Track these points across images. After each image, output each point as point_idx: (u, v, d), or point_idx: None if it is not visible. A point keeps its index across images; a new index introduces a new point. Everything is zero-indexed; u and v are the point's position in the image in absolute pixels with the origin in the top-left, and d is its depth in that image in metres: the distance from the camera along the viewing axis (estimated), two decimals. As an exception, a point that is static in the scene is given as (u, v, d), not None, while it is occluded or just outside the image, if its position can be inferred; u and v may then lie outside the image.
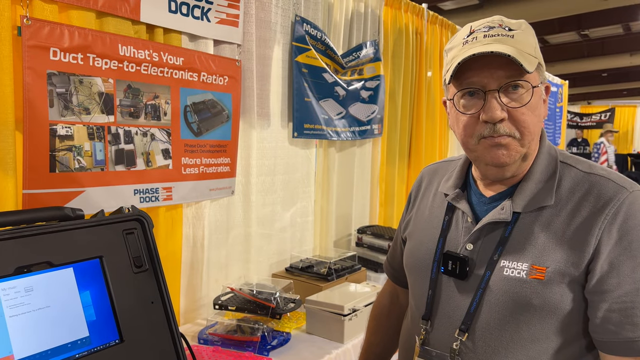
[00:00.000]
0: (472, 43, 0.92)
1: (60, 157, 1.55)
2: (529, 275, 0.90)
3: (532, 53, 0.91)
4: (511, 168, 0.95)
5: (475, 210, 1.02)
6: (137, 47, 1.71)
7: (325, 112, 2.60)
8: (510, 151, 0.92)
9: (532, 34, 0.94)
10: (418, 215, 1.15)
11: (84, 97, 1.59)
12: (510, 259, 0.93)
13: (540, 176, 0.96)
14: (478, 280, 0.95)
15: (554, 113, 6.47)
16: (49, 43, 1.49)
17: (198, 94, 1.94)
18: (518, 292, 0.90)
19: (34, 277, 0.97)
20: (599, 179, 0.93)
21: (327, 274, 2.21)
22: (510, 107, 0.90)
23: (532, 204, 0.94)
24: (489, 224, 0.97)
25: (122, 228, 1.13)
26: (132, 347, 1.05)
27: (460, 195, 1.04)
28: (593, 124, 12.32)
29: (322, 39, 2.52)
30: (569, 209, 0.92)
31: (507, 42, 0.89)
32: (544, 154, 0.98)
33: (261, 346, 1.71)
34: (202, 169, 1.99)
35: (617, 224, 0.87)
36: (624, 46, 10.85)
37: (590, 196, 0.91)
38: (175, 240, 1.98)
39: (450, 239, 1.03)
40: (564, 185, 0.94)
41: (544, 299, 0.89)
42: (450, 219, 1.05)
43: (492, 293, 0.93)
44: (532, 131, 0.92)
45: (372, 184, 3.12)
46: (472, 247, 0.98)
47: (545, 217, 0.93)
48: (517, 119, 0.90)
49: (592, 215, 0.89)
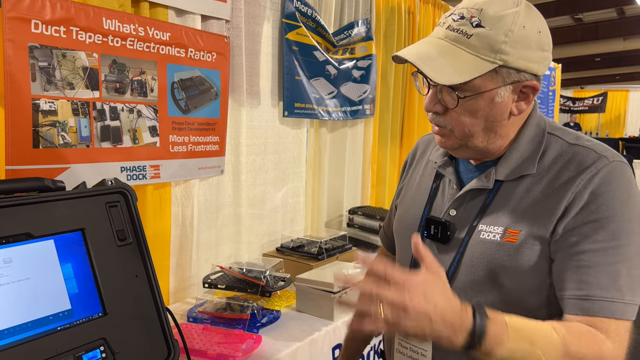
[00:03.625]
0: (435, 31, 0.94)
1: (44, 132, 1.52)
2: (503, 239, 0.92)
3: (488, 57, 0.87)
4: (468, 151, 0.98)
5: (462, 178, 1.05)
6: (122, 21, 1.67)
7: (316, 91, 2.57)
8: (448, 140, 0.97)
9: (507, 28, 0.87)
10: (410, 183, 1.18)
11: (67, 72, 1.56)
12: (488, 223, 0.95)
13: (526, 147, 0.97)
14: (458, 244, 0.98)
15: (546, 96, 6.46)
16: (30, 15, 1.45)
17: (185, 71, 1.90)
18: (492, 255, 0.93)
19: (13, 248, 0.95)
20: (582, 149, 0.93)
21: (317, 254, 2.20)
22: (445, 105, 0.93)
23: (515, 172, 0.96)
24: (472, 191, 0.99)
25: (105, 201, 1.11)
26: (115, 320, 1.04)
27: (448, 162, 1.07)
28: (585, 108, 12.36)
29: (312, 16, 2.48)
30: (549, 177, 0.93)
31: (457, 42, 0.89)
32: (532, 125, 0.99)
33: (251, 324, 1.70)
34: (191, 147, 1.96)
35: (590, 188, 0.88)
36: (617, 31, 10.83)
37: (571, 165, 0.92)
38: (164, 219, 1.95)
39: (436, 205, 1.06)
40: (548, 155, 0.95)
41: (516, 262, 0.91)
42: (438, 186, 1.08)
43: (469, 256, 0.96)
44: (469, 131, 0.94)
45: (363, 164, 3.11)
46: (455, 213, 1.01)
47: (526, 184, 0.94)
48: (451, 116, 0.94)
49: (568, 181, 0.90)
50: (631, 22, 10.29)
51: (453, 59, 0.89)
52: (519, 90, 0.93)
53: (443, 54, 0.90)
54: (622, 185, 0.88)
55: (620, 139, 10.51)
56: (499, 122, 0.94)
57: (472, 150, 0.98)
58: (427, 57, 0.90)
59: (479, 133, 0.94)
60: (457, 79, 0.88)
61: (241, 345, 1.54)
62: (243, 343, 1.55)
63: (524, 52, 0.89)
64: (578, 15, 10.01)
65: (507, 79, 0.90)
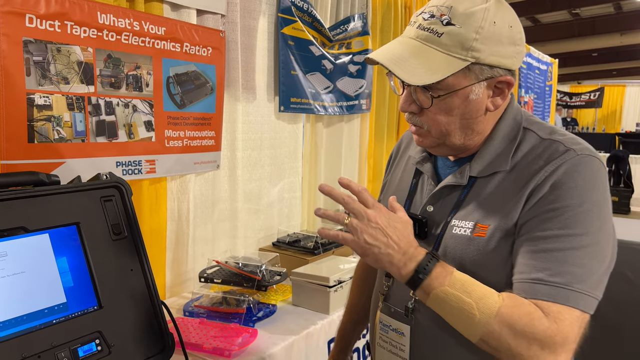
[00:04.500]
0: (406, 30, 0.95)
1: (39, 127, 1.52)
2: (474, 233, 0.93)
3: (460, 54, 0.88)
4: (446, 149, 0.99)
5: (440, 174, 1.06)
6: (117, 15, 1.67)
7: (312, 86, 2.57)
8: (424, 139, 0.98)
9: (477, 25, 0.87)
10: (392, 178, 1.20)
11: (62, 66, 1.55)
12: (460, 218, 0.96)
13: (500, 142, 0.97)
14: (434, 240, 0.99)
15: (543, 92, 6.47)
16: (25, 9, 1.45)
17: (181, 65, 1.90)
18: (462, 250, 0.94)
19: (8, 242, 0.95)
20: (552, 143, 0.93)
21: (313, 248, 2.21)
22: (420, 105, 0.94)
23: (488, 169, 0.96)
24: (447, 187, 1.01)
25: (100, 195, 1.12)
26: (111, 313, 1.05)
27: (427, 158, 1.08)
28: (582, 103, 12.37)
29: (308, 10, 2.48)
30: (519, 171, 0.93)
31: (428, 41, 0.89)
32: (507, 119, 0.99)
33: (247, 318, 1.71)
34: (186, 142, 1.96)
35: (552, 179, 0.88)
36: (614, 26, 10.83)
37: (540, 159, 0.92)
38: (160, 214, 1.96)
39: (415, 201, 1.07)
40: (521, 150, 0.95)
41: (486, 256, 0.91)
42: (417, 182, 1.09)
43: (442, 252, 0.97)
44: (445, 130, 0.94)
45: (360, 159, 3.11)
46: (432, 209, 1.02)
47: (498, 180, 0.95)
48: (427, 115, 0.94)
49: (534, 172, 0.91)
50: (628, 17, 10.29)
51: (425, 58, 0.89)
52: (493, 86, 0.93)
53: (415, 55, 0.90)
54: (586, 177, 0.88)
55: (617, 134, 10.52)
56: (475, 119, 0.94)
57: (449, 148, 0.99)
58: (399, 58, 0.90)
59: (456, 131, 0.95)
60: (429, 79, 0.88)
61: (237, 339, 1.55)
62: (239, 337, 1.56)
63: (495, 48, 0.89)
64: (575, 10, 10.00)
65: (480, 76, 0.90)
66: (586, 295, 0.83)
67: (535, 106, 6.12)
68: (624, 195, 5.91)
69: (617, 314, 1.36)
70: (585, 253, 0.85)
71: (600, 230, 0.87)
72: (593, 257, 0.85)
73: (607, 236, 0.88)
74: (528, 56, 5.72)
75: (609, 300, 1.34)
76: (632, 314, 1.38)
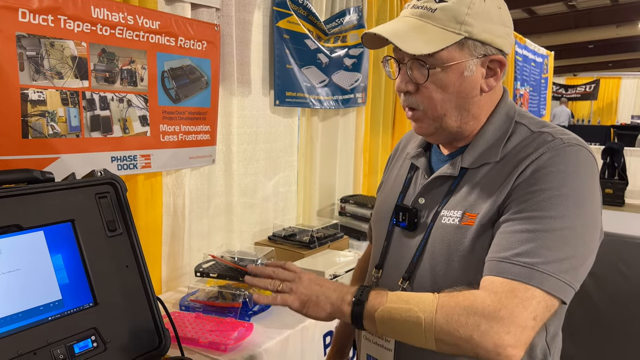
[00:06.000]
0: (402, 12, 0.99)
1: (33, 122, 1.51)
2: (462, 222, 0.95)
3: (454, 28, 0.92)
4: (443, 135, 1.00)
5: (433, 167, 1.08)
6: (111, 9, 1.66)
7: (308, 79, 2.56)
8: (422, 124, 0.99)
9: (469, 1, 0.92)
10: (389, 177, 1.21)
11: (55, 61, 1.55)
12: (450, 208, 0.98)
13: (492, 135, 0.99)
14: (423, 230, 1.01)
15: (539, 84, 6.47)
16: (17, 4, 1.43)
17: (175, 59, 1.89)
18: (450, 238, 0.95)
19: (2, 240, 0.95)
20: (541, 134, 0.95)
21: (309, 242, 2.22)
22: (416, 81, 0.95)
23: (479, 160, 0.98)
24: (439, 178, 1.02)
25: (95, 192, 1.12)
26: (106, 310, 1.05)
27: (422, 153, 1.11)
28: (578, 95, 12.39)
29: (303, 3, 2.47)
30: (507, 161, 0.95)
31: (423, 17, 0.93)
32: (500, 113, 1.01)
33: (242, 312, 1.72)
34: (182, 137, 1.96)
35: (535, 165, 0.90)
36: (610, 17, 10.82)
37: (529, 148, 0.94)
38: (155, 209, 1.96)
39: (408, 194, 1.09)
40: (511, 142, 0.97)
41: (472, 244, 0.93)
42: (412, 177, 1.11)
43: (431, 241, 0.99)
44: (440, 108, 0.96)
45: (355, 153, 3.11)
46: (423, 201, 1.04)
47: (486, 169, 0.97)
48: (422, 94, 0.96)
49: (520, 160, 0.92)
50: (624, 9, 10.28)
51: (421, 32, 0.92)
52: (486, 64, 0.95)
53: (412, 29, 0.93)
54: (569, 163, 0.88)
55: (612, 127, 10.55)
56: (471, 98, 0.96)
57: (447, 133, 1.00)
58: (397, 31, 0.94)
59: (452, 111, 0.96)
60: (426, 49, 0.91)
61: (233, 333, 1.56)
62: (235, 331, 1.57)
63: (486, 25, 0.92)
64: (572, 2, 9.98)
65: (473, 52, 0.93)
66: (553, 277, 0.82)
67: (531, 99, 6.13)
68: (618, 188, 5.94)
69: (611, 306, 1.38)
70: (558, 236, 0.84)
71: (578, 217, 0.86)
72: (566, 242, 0.84)
73: (587, 224, 0.87)
74: (524, 48, 5.72)
75: (603, 293, 1.35)
76: (626, 306, 1.39)
